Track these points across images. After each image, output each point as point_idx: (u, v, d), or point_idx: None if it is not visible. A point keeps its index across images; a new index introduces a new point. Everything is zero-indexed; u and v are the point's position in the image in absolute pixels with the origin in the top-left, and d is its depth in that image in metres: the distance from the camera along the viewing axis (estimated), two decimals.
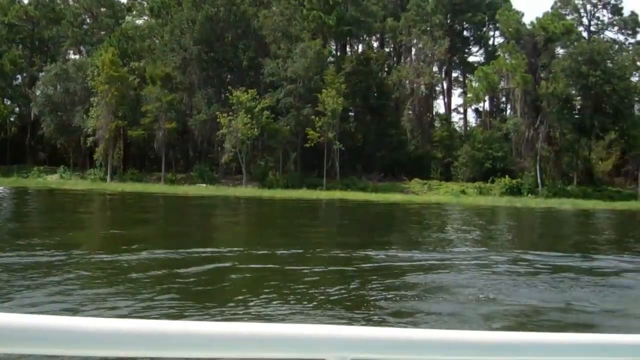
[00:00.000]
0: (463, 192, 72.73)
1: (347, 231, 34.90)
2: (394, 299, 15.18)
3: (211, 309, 13.03)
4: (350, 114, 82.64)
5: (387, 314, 13.37)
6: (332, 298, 14.96)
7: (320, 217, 46.57)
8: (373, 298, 15.24)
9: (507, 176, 75.22)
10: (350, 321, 12.45)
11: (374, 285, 16.74)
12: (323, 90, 73.25)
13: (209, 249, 22.59)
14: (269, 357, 1.73)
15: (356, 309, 13.78)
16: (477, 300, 15.44)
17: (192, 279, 16.71)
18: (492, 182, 75.15)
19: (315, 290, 15.70)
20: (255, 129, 71.93)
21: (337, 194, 66.00)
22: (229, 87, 76.59)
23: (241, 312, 12.66)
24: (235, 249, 23.78)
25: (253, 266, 19.45)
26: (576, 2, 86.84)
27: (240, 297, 14.46)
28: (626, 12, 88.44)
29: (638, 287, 18.62)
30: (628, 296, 17.04)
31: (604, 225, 47.11)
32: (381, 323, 12.42)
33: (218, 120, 72.75)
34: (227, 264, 19.78)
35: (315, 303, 14.05)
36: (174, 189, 66.30)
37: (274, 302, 13.91)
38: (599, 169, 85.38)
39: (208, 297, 14.74)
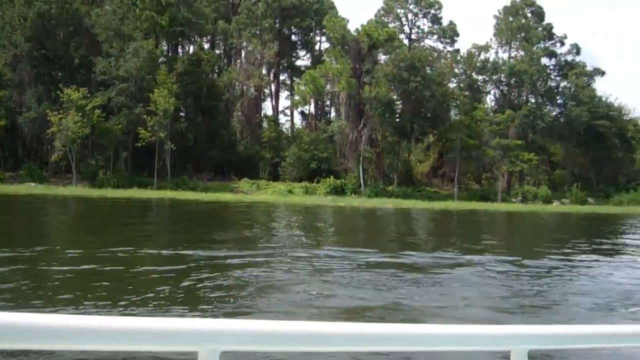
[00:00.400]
0: (290, 191, 75.08)
1: (176, 230, 35.30)
2: (227, 298, 15.40)
3: (40, 309, 12.56)
4: (181, 114, 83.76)
5: (223, 314, 13.40)
6: (163, 298, 14.87)
7: (150, 217, 46.67)
8: (206, 297, 15.42)
9: (331, 176, 78.30)
10: None
11: (205, 284, 16.85)
12: (155, 89, 74.19)
13: (34, 248, 21.98)
14: (142, 349, 1.81)
15: (190, 308, 13.85)
16: (312, 298, 15.81)
17: (13, 279, 16.11)
18: (318, 182, 78.15)
19: (145, 290, 15.43)
20: (86, 128, 72.05)
21: (168, 194, 66.99)
22: (60, 85, 75.99)
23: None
24: (62, 248, 23.26)
25: (81, 267, 18.89)
26: (398, 11, 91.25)
27: (68, 297, 14.21)
28: (445, 22, 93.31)
29: (453, 281, 19.52)
30: (446, 292, 17.58)
31: (422, 224, 49.98)
32: None
33: (48, 118, 72.27)
34: (54, 264, 19.14)
35: (148, 304, 13.90)
36: (3, 188, 65.11)
37: (103, 302, 13.77)
38: (417, 170, 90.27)
39: (33, 297, 14.17)
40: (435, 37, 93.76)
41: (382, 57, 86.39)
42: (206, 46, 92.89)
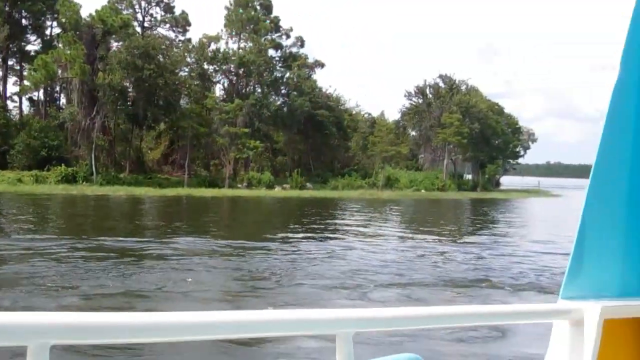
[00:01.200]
0: (20, 180, 73.42)
1: None
2: None
3: None
4: None
5: None
6: None
7: None
8: None
9: (63, 164, 77.95)
10: None
11: None
12: None
13: None
14: None
15: None
16: (59, 290, 15.97)
17: None
18: (48, 170, 77.44)
19: None
20: None
21: None
22: None
23: None
24: None
25: None
26: None
27: None
28: (178, 11, 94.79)
29: (186, 265, 20.51)
30: (183, 277, 18.40)
31: (152, 210, 52.24)
32: None
33: None
34: None
35: None
36: None
37: None
38: (149, 157, 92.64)
39: None
40: (168, 26, 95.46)
41: (115, 44, 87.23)
42: None
